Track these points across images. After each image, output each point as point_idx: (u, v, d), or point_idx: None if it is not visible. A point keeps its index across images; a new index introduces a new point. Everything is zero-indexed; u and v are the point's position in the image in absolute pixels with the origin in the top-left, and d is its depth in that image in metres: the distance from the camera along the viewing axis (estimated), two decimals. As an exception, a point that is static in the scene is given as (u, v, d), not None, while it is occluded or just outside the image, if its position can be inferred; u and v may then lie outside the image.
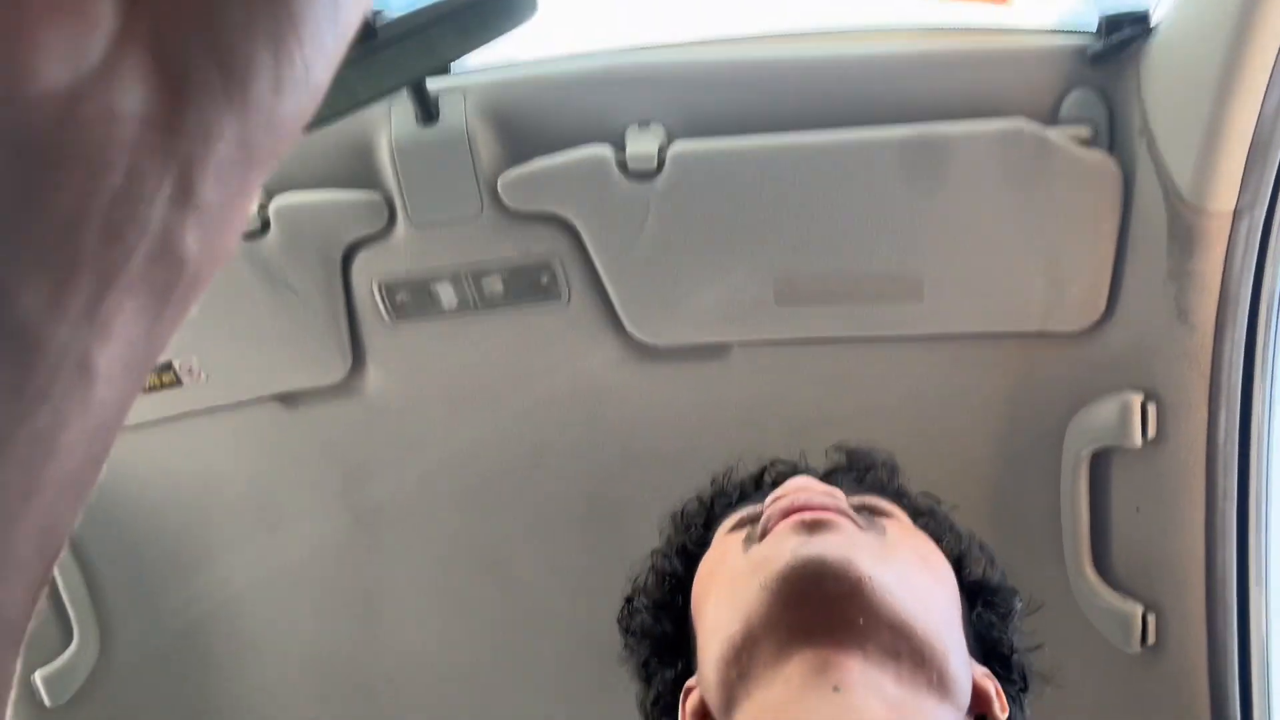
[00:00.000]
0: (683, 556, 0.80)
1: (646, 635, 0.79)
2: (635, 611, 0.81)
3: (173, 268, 0.24)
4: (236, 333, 1.09)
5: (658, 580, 0.80)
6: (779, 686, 0.57)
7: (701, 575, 0.72)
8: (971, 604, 0.72)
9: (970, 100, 0.95)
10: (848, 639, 0.57)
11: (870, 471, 0.82)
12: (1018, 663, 0.71)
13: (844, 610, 0.57)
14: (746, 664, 0.60)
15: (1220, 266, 0.88)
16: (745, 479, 0.85)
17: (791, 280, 1.02)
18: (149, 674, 1.29)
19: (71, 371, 0.23)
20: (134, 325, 0.24)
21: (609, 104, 0.99)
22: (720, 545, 0.72)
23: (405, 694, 1.29)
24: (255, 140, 0.26)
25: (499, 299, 1.07)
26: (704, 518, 0.82)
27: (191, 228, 0.24)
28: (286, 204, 1.02)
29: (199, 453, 1.19)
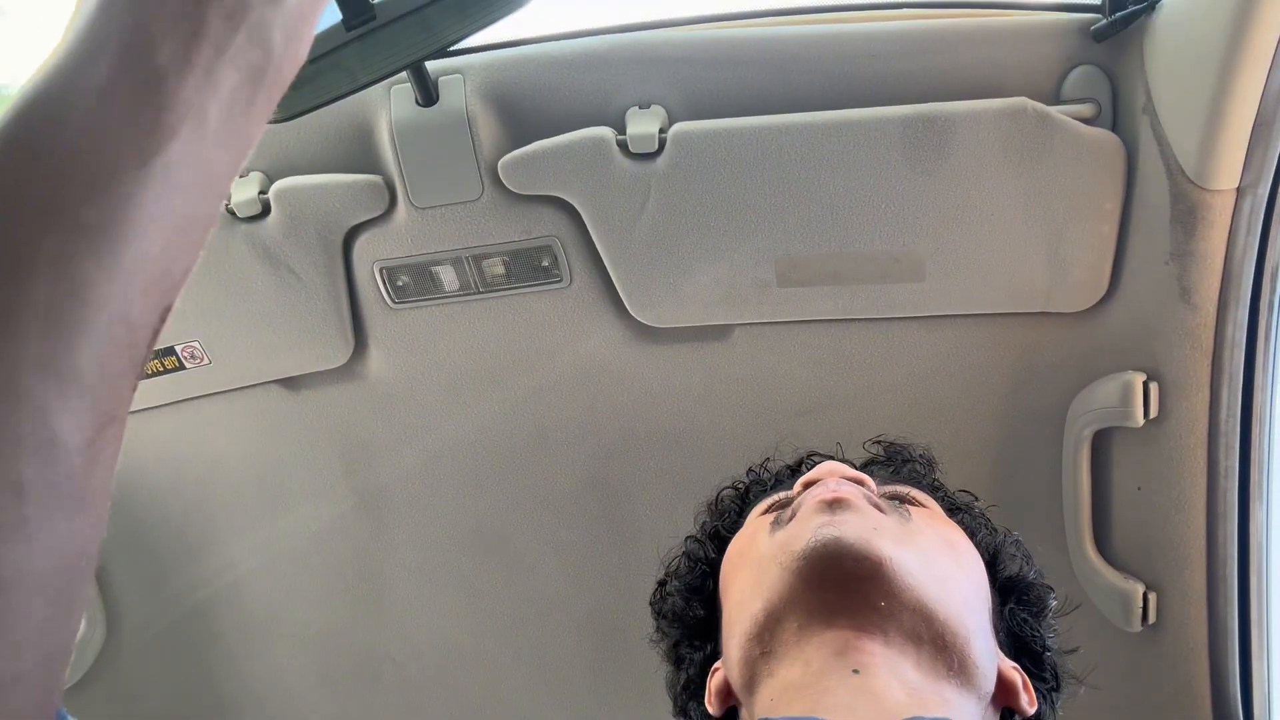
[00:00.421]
0: (715, 541, 0.80)
1: (678, 619, 0.79)
2: (667, 595, 0.82)
3: (264, 54, 0.31)
4: (239, 317, 1.09)
5: (690, 564, 0.81)
6: (799, 667, 0.58)
7: (730, 556, 0.73)
8: (1004, 600, 0.71)
9: (973, 78, 0.94)
10: (868, 622, 0.57)
11: (907, 465, 0.83)
12: (1049, 661, 0.71)
13: (865, 592, 0.57)
14: (769, 642, 0.60)
15: (1223, 245, 0.88)
16: (781, 468, 0.85)
17: (793, 261, 1.02)
18: (156, 655, 1.30)
19: (194, 119, 0.29)
20: (235, 98, 0.31)
21: (609, 85, 0.99)
22: (749, 527, 0.73)
23: (409, 674, 1.30)
24: None
25: (500, 281, 1.07)
26: (739, 505, 0.83)
27: (278, 24, 0.32)
28: (287, 187, 1.02)
29: (203, 437, 1.20)
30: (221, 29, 0.30)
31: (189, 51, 0.29)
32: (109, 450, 0.28)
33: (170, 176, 0.29)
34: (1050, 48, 0.94)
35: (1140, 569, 1.02)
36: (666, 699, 0.81)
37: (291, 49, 0.33)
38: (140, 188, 0.28)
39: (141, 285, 0.28)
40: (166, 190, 0.29)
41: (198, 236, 0.31)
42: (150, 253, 0.28)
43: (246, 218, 1.03)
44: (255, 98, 0.31)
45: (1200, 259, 0.89)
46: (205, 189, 0.30)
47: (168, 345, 1.11)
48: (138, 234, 0.28)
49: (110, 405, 0.28)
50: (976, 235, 0.98)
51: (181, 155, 0.29)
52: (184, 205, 0.29)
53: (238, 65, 0.30)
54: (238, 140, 0.31)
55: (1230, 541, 0.95)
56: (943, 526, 0.68)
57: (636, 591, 1.20)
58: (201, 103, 0.29)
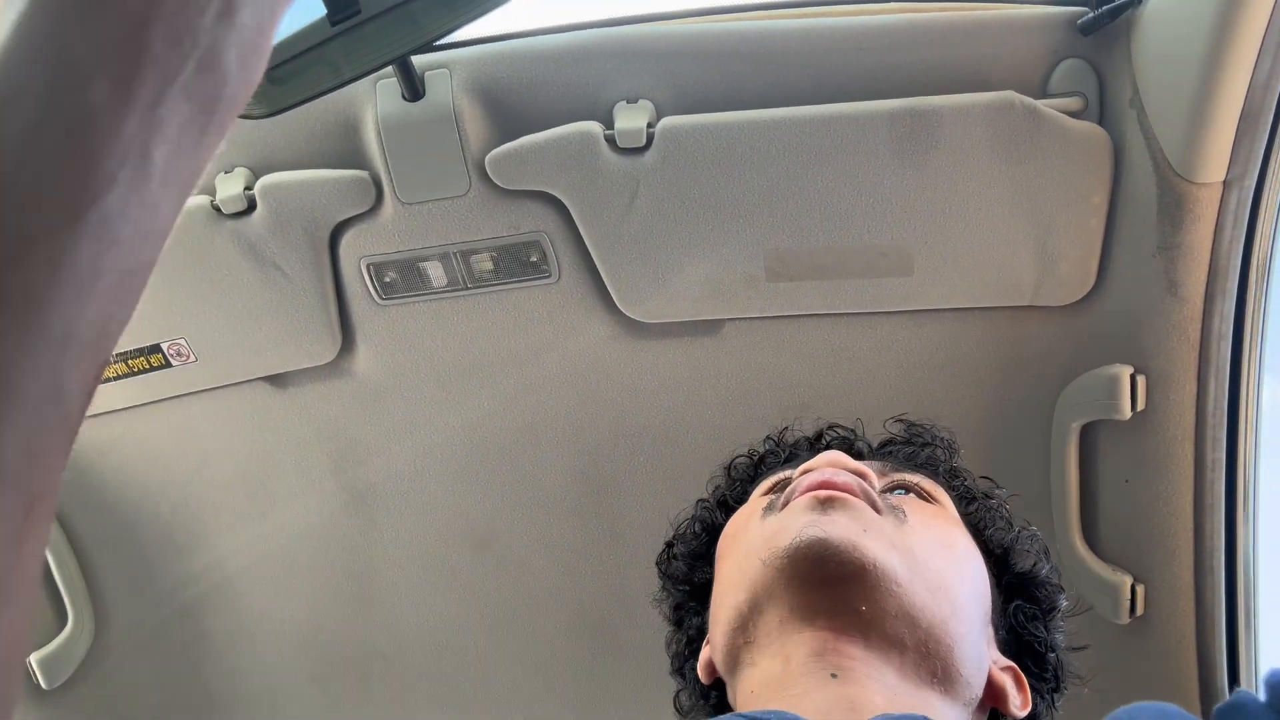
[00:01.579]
0: (723, 509, 0.80)
1: (683, 581, 0.80)
2: (673, 558, 0.82)
3: (217, 80, 0.28)
4: (225, 314, 1.08)
5: (696, 529, 0.81)
6: (779, 662, 0.58)
7: (727, 532, 0.72)
8: (1010, 597, 0.70)
9: (960, 72, 0.94)
10: (849, 625, 0.57)
11: (926, 449, 0.81)
12: (1052, 660, 0.70)
13: (845, 595, 0.57)
14: (751, 633, 0.61)
15: (1210, 238, 0.88)
16: (799, 439, 0.84)
17: (781, 256, 1.02)
18: (144, 655, 1.29)
19: (135, 162, 0.26)
20: (185, 132, 0.27)
21: (596, 80, 0.98)
22: (749, 506, 0.72)
23: (399, 670, 1.30)
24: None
25: (489, 277, 1.07)
26: (751, 473, 0.82)
27: (233, 45, 0.28)
28: (273, 183, 1.01)
29: (190, 435, 1.19)
30: (167, 56, 0.26)
31: (130, 85, 0.26)
32: (38, 532, 0.26)
33: (107, 231, 0.25)
34: (1037, 41, 0.94)
35: (1128, 561, 1.03)
36: (656, 693, 0.82)
37: (247, 72, 0.29)
38: (72, 248, 0.25)
39: (75, 353, 0.25)
40: (103, 247, 0.25)
41: (139, 285, 0.27)
42: (84, 316, 0.25)
43: (232, 214, 1.02)
44: (208, 128, 0.28)
45: (1187, 252, 0.89)
46: (147, 236, 0.27)
47: (154, 343, 1.10)
48: (70, 298, 0.25)
49: (39, 486, 0.25)
50: (964, 229, 0.98)
51: (121, 205, 0.26)
52: (123, 259, 0.26)
53: (188, 95, 0.27)
54: (186, 176, 0.28)
55: (1217, 533, 0.95)
56: (941, 526, 0.66)
57: (626, 586, 1.20)
58: (145, 142, 0.26)
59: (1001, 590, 0.70)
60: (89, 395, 0.27)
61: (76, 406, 0.26)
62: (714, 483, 0.85)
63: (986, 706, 0.63)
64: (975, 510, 0.74)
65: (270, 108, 0.87)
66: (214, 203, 1.02)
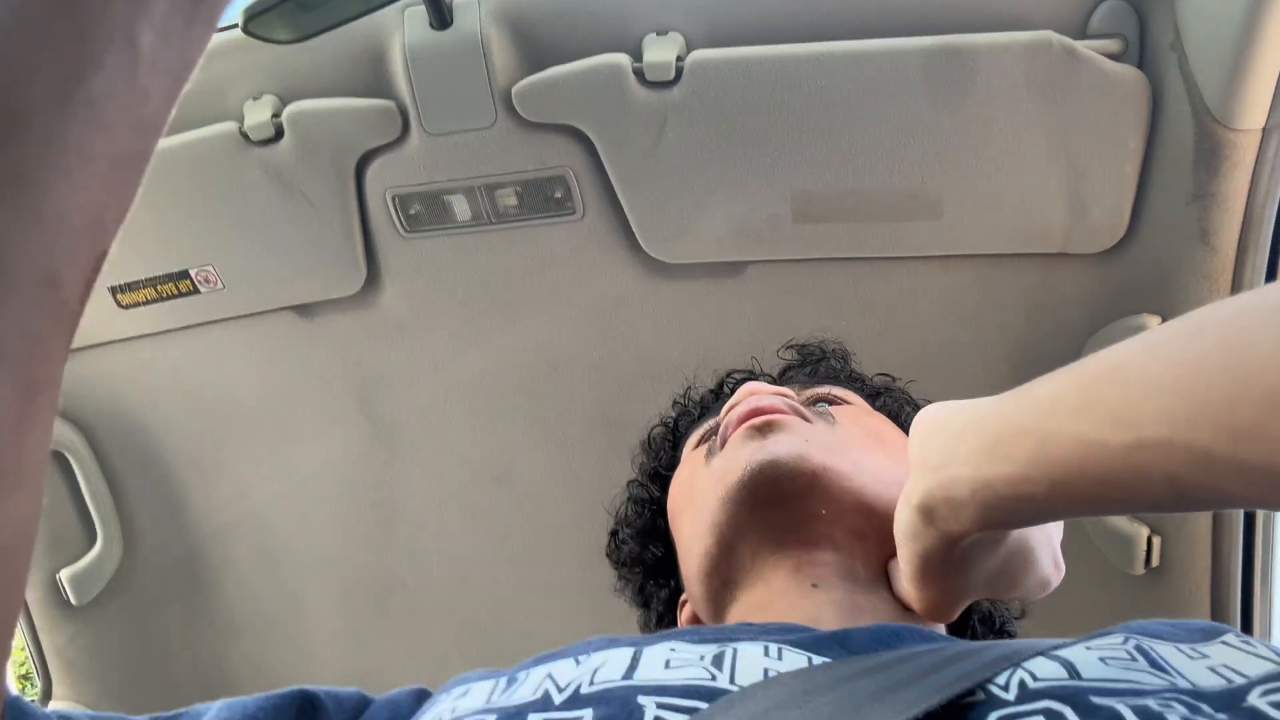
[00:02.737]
0: (657, 480, 0.82)
1: (637, 563, 0.81)
2: (622, 543, 0.83)
3: None
4: (253, 242, 1.09)
5: (637, 508, 0.82)
6: (761, 588, 0.59)
7: (674, 494, 0.73)
8: None
9: (998, 9, 0.92)
10: (815, 534, 0.59)
11: (822, 362, 0.85)
12: None
13: (804, 504, 0.59)
14: (727, 572, 0.62)
15: (1246, 187, 0.87)
16: (705, 394, 0.87)
17: (808, 197, 1.01)
18: (172, 576, 1.33)
19: (122, 44, 0.26)
20: (172, 16, 0.27)
21: (626, 10, 0.97)
22: (687, 462, 0.73)
23: (419, 598, 1.33)
24: None
25: (512, 212, 1.07)
26: (671, 439, 0.84)
27: None
28: (300, 110, 1.01)
29: (218, 362, 1.21)
30: None
31: None
32: (42, 421, 0.26)
33: (97, 114, 0.25)
34: (1079, -20, 0.91)
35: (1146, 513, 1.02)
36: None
37: None
38: (60, 128, 0.25)
39: (69, 237, 0.25)
40: (91, 130, 0.25)
41: (133, 176, 0.27)
42: (76, 201, 0.25)
43: (260, 140, 1.02)
44: (195, 14, 0.28)
45: (1222, 200, 0.88)
46: (138, 124, 0.27)
47: (183, 269, 1.11)
48: (59, 181, 0.25)
49: (40, 372, 0.25)
50: (996, 173, 0.96)
51: (108, 89, 0.25)
52: (114, 144, 0.26)
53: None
54: (175, 65, 0.28)
55: (1238, 486, 0.95)
56: (866, 419, 0.69)
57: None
58: (131, 25, 0.26)
59: None
60: (87, 286, 0.27)
61: (74, 295, 0.26)
62: (637, 460, 0.86)
63: None
64: (884, 402, 0.77)
65: (298, 33, 0.87)
66: (242, 130, 1.02)
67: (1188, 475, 0.34)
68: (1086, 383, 0.39)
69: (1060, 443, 0.39)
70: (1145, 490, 0.36)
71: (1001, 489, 0.42)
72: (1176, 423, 0.34)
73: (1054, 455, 0.39)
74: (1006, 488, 0.42)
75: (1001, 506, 0.44)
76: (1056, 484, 0.40)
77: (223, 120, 1.03)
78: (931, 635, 0.49)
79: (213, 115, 1.03)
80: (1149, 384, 0.35)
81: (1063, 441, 0.39)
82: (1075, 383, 0.40)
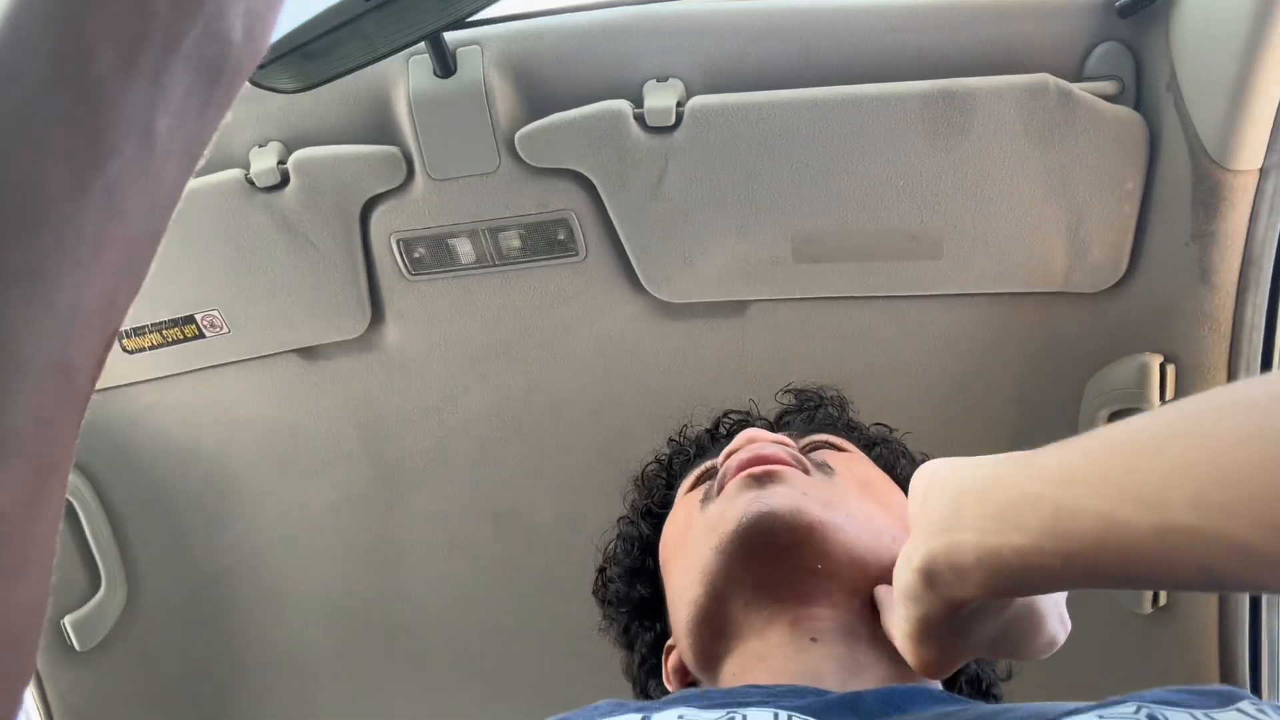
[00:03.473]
0: (648, 519, 0.81)
1: (624, 602, 0.80)
2: (609, 581, 0.82)
3: (222, 50, 0.27)
4: (258, 286, 1.10)
5: (626, 547, 0.82)
6: (755, 641, 0.59)
7: (666, 537, 0.73)
8: None
9: (995, 53, 0.93)
10: (812, 588, 0.58)
11: (820, 409, 0.84)
12: None
13: (799, 558, 0.58)
14: (718, 624, 0.61)
15: (1244, 226, 0.87)
16: (701, 434, 0.86)
17: (809, 237, 1.01)
18: (176, 620, 1.32)
19: (139, 132, 0.26)
20: (188, 102, 0.27)
21: (627, 57, 0.98)
22: (681, 505, 0.73)
23: (425, 642, 1.32)
24: None
25: (516, 254, 1.08)
26: (665, 477, 0.83)
27: (240, 13, 0.28)
28: (306, 157, 1.02)
29: (222, 405, 1.21)
30: (172, 23, 0.26)
31: (133, 54, 0.25)
32: (52, 503, 0.26)
33: (113, 201, 0.25)
34: (1074, 23, 0.93)
35: (1153, 551, 1.02)
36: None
37: (253, 42, 0.29)
38: (77, 220, 0.25)
39: (82, 324, 0.25)
40: (108, 216, 0.25)
41: (146, 256, 0.28)
42: (90, 288, 0.25)
43: (266, 188, 1.03)
44: (211, 98, 0.28)
45: (1221, 240, 0.88)
46: (152, 207, 0.27)
47: (188, 314, 1.12)
48: (76, 270, 0.25)
49: (51, 457, 0.25)
50: (996, 213, 0.97)
51: (125, 175, 0.26)
52: (128, 229, 0.26)
53: (191, 65, 0.27)
54: (191, 146, 0.28)
55: (1244, 524, 0.94)
56: (862, 469, 0.69)
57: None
58: (148, 113, 0.26)
59: None
60: (98, 366, 0.27)
61: (85, 378, 0.26)
62: (629, 497, 0.86)
63: None
64: (880, 452, 0.77)
65: (304, 82, 0.88)
66: (248, 176, 1.03)
67: (1224, 566, 0.33)
68: (1099, 455, 0.38)
69: (1077, 517, 0.37)
70: (1176, 574, 0.35)
71: (1010, 558, 0.41)
72: (1210, 510, 0.32)
73: (1070, 529, 0.38)
74: (1016, 558, 0.41)
75: (1010, 575, 0.42)
76: (1072, 558, 0.38)
77: (228, 167, 1.04)
78: (942, 696, 0.48)
79: (218, 162, 1.04)
80: (1175, 464, 0.34)
81: (1080, 516, 0.37)
82: (1086, 454, 0.39)
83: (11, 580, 0.24)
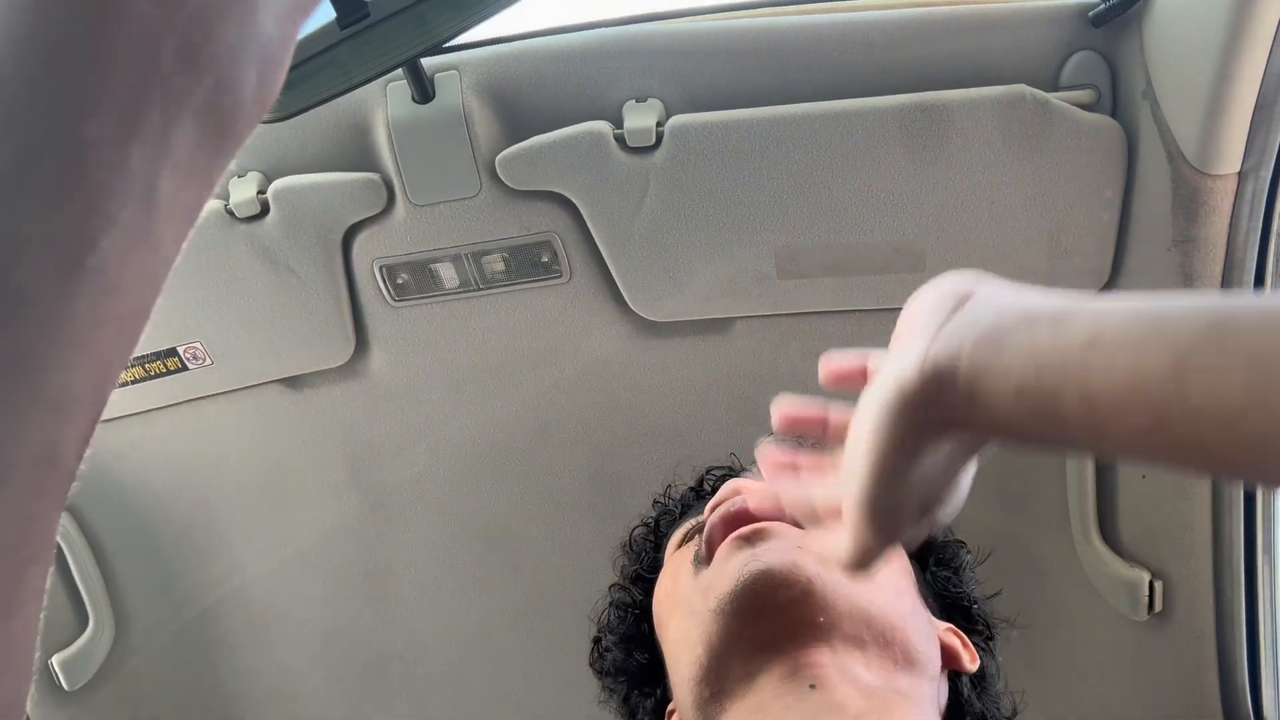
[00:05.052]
0: (640, 584, 0.80)
1: (623, 672, 0.79)
2: (605, 651, 0.82)
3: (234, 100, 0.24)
4: (240, 317, 1.09)
5: (620, 614, 0.81)
6: (753, 696, 0.58)
7: (659, 599, 0.72)
8: (923, 565, 0.73)
9: (971, 65, 0.94)
10: (813, 638, 0.58)
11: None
12: (978, 613, 0.73)
13: (802, 613, 0.58)
14: (717, 683, 0.60)
15: (1226, 231, 0.87)
16: (685, 493, 0.86)
17: (792, 253, 1.01)
18: (165, 657, 1.30)
19: (139, 197, 0.22)
20: (195, 159, 0.24)
21: (605, 79, 0.98)
22: (671, 565, 0.73)
23: (417, 671, 1.30)
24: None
25: (500, 278, 1.07)
26: (654, 539, 0.83)
27: (252, 59, 0.24)
28: (286, 186, 1.02)
29: (207, 437, 1.20)
30: (181, 76, 0.23)
31: (137, 113, 0.22)
32: (32, 599, 0.23)
33: (106, 278, 0.22)
34: (1048, 33, 0.93)
35: (1146, 557, 1.02)
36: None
37: (265, 89, 0.25)
38: (67, 303, 0.22)
39: (68, 411, 0.23)
40: (102, 294, 0.22)
41: (138, 329, 0.24)
42: (81, 371, 0.22)
43: (246, 218, 1.03)
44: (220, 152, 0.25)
45: (1203, 244, 0.89)
46: (149, 278, 0.24)
47: (170, 347, 1.11)
48: (66, 355, 0.22)
49: (32, 551, 0.23)
50: (976, 224, 0.97)
51: (122, 247, 0.22)
52: (123, 305, 0.23)
53: (201, 118, 0.23)
54: (191, 205, 0.24)
55: (1236, 529, 0.94)
56: None
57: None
58: (151, 174, 0.23)
59: (914, 560, 0.72)
60: (85, 447, 0.24)
61: (72, 462, 0.24)
62: (619, 563, 0.85)
63: (945, 669, 0.64)
64: None
65: (281, 112, 0.88)
66: (227, 207, 1.02)
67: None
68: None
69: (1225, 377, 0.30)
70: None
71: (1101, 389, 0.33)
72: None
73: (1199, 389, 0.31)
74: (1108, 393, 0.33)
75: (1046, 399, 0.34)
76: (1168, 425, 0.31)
77: (208, 198, 1.03)
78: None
79: (198, 193, 1.04)
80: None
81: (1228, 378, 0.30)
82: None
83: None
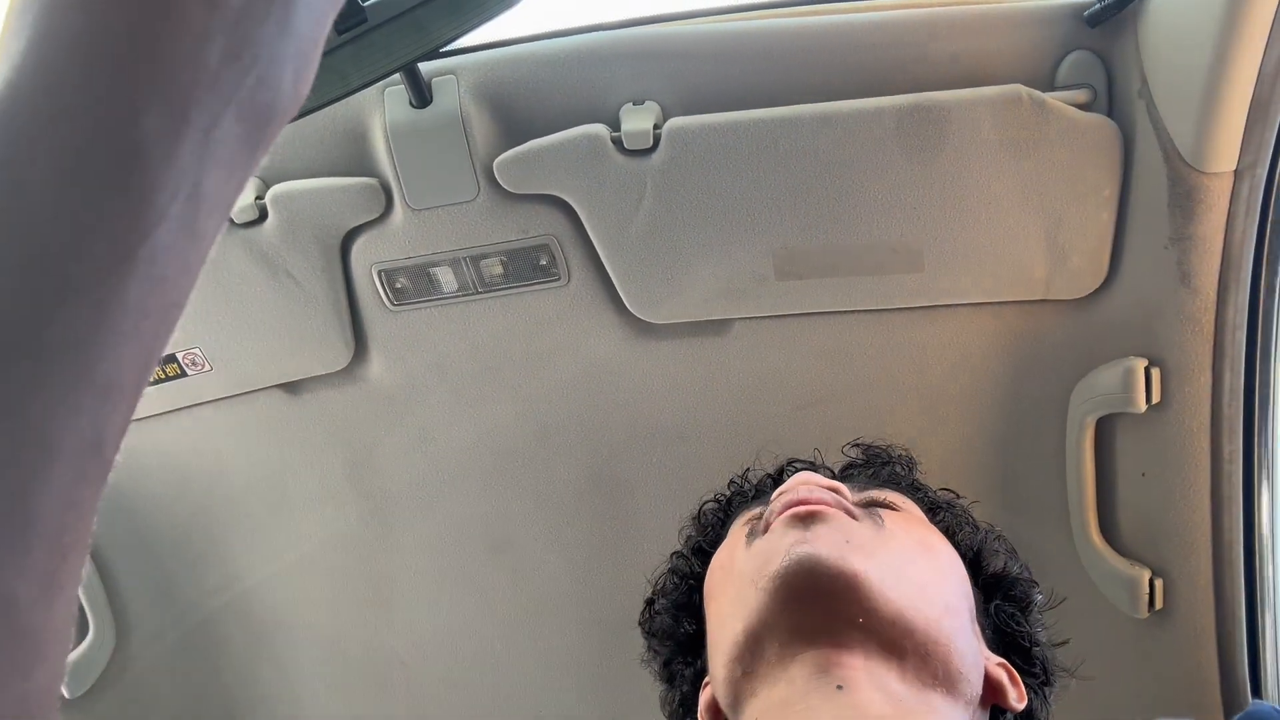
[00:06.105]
0: (699, 556, 0.80)
1: (669, 637, 0.79)
2: (656, 614, 0.82)
3: (272, 96, 0.25)
4: (239, 323, 1.09)
5: (676, 581, 0.81)
6: (783, 686, 0.58)
7: (712, 570, 0.72)
8: (989, 597, 0.71)
9: (967, 66, 0.94)
10: (848, 638, 0.57)
11: (886, 466, 0.83)
12: (1038, 655, 0.71)
13: (841, 609, 0.57)
14: (750, 663, 0.60)
15: (1222, 229, 0.88)
16: (763, 478, 0.86)
17: (791, 255, 1.01)
18: (166, 664, 1.30)
19: (187, 192, 0.24)
20: (237, 155, 0.25)
21: (602, 82, 0.99)
22: (729, 541, 0.73)
23: (418, 676, 1.30)
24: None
25: (499, 281, 1.07)
26: (721, 517, 0.83)
27: (290, 57, 0.26)
28: (284, 192, 1.02)
29: (207, 443, 1.20)
30: (226, 74, 0.24)
31: (184, 111, 0.23)
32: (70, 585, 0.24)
33: (155, 269, 0.23)
34: (1044, 34, 0.93)
35: (1146, 555, 1.02)
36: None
37: (300, 85, 0.27)
38: (120, 292, 0.23)
39: (115, 398, 0.23)
40: (151, 284, 0.23)
41: (176, 319, 0.26)
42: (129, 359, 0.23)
43: (244, 223, 1.03)
44: (259, 146, 0.26)
45: (1200, 243, 0.89)
46: (190, 269, 0.25)
47: (169, 353, 1.11)
48: (115, 346, 0.23)
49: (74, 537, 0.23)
50: (974, 224, 0.97)
51: (169, 240, 0.23)
52: (168, 294, 0.24)
53: (242, 115, 0.25)
54: (231, 200, 0.26)
55: (1236, 526, 0.94)
56: (919, 530, 0.67)
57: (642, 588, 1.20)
58: (198, 170, 0.24)
59: (980, 590, 0.71)
60: (122, 438, 0.25)
61: (112, 450, 0.24)
62: (685, 532, 0.85)
63: (987, 702, 0.63)
64: (943, 517, 0.75)
65: (279, 117, 0.88)
66: (226, 213, 1.02)
67: None
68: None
69: None
70: None
71: None
72: None
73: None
74: None
75: None
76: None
77: (206, 204, 1.03)
78: None
79: (196, 199, 1.04)
80: None
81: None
82: None
83: (28, 668, 0.22)
